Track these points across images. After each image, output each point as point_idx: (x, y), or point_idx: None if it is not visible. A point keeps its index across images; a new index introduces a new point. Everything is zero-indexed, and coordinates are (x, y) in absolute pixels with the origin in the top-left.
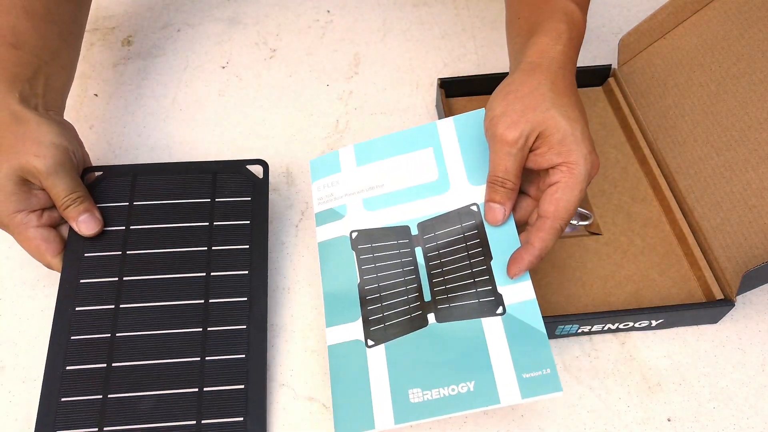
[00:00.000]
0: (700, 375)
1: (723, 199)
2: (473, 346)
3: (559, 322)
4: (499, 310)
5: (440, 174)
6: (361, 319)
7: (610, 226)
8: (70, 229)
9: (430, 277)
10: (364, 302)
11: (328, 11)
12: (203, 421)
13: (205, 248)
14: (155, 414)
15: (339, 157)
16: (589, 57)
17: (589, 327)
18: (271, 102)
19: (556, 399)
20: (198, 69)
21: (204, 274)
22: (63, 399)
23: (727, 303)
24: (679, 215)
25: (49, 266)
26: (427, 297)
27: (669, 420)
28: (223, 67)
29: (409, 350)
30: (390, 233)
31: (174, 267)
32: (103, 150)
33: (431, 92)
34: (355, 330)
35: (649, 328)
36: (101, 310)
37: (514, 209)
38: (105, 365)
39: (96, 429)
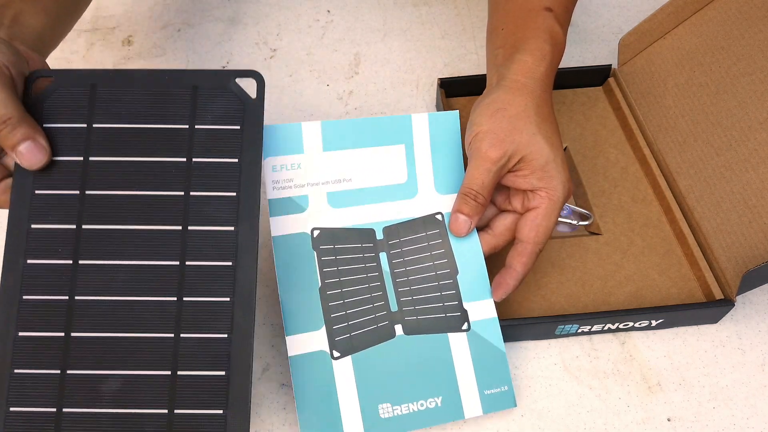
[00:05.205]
0: (700, 375)
1: (723, 199)
2: (440, 361)
3: (559, 322)
4: (465, 326)
5: (409, 177)
6: (324, 327)
7: (610, 226)
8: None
9: (396, 285)
10: (327, 309)
11: (328, 11)
12: (176, 411)
13: (182, 193)
14: (121, 397)
15: (302, 133)
16: (589, 57)
17: (589, 327)
18: (271, 102)
19: (556, 399)
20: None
21: (180, 227)
22: (16, 371)
23: (727, 303)
24: (679, 215)
25: None
26: (394, 307)
27: (669, 420)
28: (223, 67)
29: (377, 363)
30: (354, 235)
31: (143, 216)
32: None
33: (431, 92)
34: (319, 340)
35: (649, 328)
36: (57, 266)
37: None
38: (63, 334)
39: (54, 409)
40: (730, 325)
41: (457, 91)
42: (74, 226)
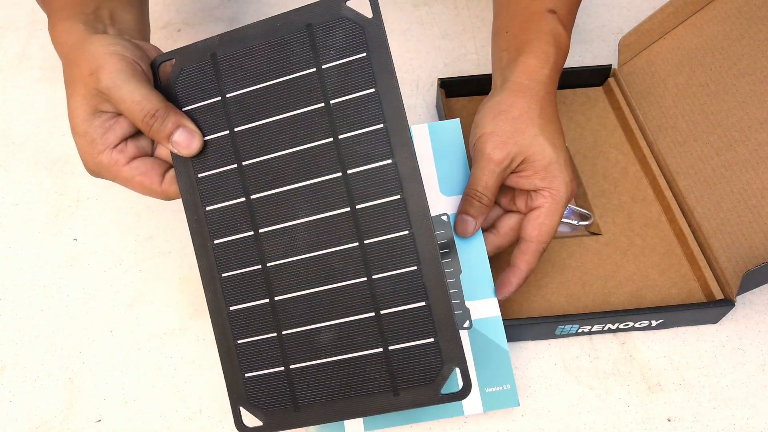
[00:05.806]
0: (700, 375)
1: (723, 199)
2: None
3: (559, 322)
4: (466, 323)
5: None
6: None
7: (610, 226)
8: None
9: None
10: None
11: None
12: (390, 347)
13: (331, 139)
14: (338, 345)
15: None
16: (589, 57)
17: (589, 327)
18: None
19: (556, 399)
20: None
21: (340, 174)
22: (239, 341)
23: (727, 303)
24: (679, 215)
25: (166, 197)
26: None
27: (669, 420)
28: None
29: None
30: None
31: (303, 172)
32: None
33: (431, 92)
34: None
35: (649, 328)
36: (242, 239)
37: None
38: (267, 300)
39: (282, 368)
40: (730, 325)
41: (457, 91)
42: (244, 199)
